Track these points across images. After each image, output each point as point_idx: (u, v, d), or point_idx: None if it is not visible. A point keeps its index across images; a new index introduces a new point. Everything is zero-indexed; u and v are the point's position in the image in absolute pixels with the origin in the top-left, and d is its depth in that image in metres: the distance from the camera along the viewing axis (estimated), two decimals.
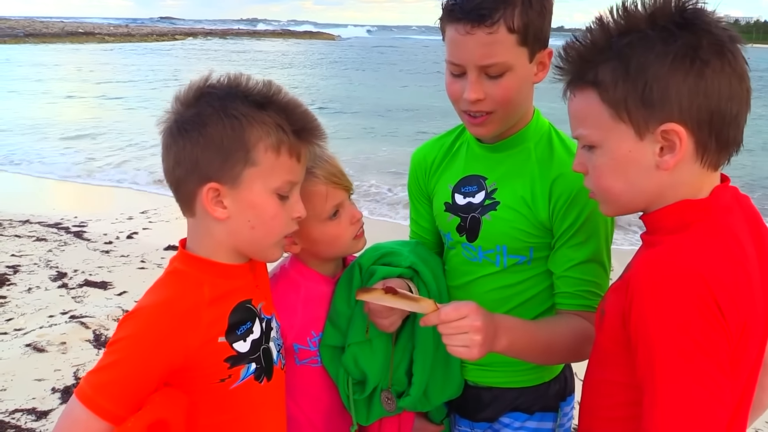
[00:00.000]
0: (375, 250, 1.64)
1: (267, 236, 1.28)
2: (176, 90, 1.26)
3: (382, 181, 9.07)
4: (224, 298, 1.26)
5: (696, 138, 1.06)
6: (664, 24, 1.05)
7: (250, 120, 1.20)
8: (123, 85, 22.37)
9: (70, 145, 11.54)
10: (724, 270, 1.00)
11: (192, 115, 1.21)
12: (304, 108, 1.29)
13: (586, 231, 1.48)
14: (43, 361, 3.95)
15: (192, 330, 1.19)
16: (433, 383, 1.63)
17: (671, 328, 0.97)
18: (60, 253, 5.82)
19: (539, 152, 1.54)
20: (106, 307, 4.67)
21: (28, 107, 15.93)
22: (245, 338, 1.28)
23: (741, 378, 1.07)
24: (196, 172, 1.22)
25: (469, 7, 1.36)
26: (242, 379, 1.27)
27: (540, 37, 1.43)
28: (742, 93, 1.07)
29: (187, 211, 1.28)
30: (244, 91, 1.23)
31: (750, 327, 1.03)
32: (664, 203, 1.12)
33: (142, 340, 1.16)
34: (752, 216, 1.15)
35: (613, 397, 1.16)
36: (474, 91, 1.42)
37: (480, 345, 1.28)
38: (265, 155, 1.22)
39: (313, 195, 1.50)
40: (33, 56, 33.48)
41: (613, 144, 1.11)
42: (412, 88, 23.99)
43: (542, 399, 1.66)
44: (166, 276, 1.27)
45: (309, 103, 1.46)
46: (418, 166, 1.74)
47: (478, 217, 1.56)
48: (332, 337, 1.57)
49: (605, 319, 1.16)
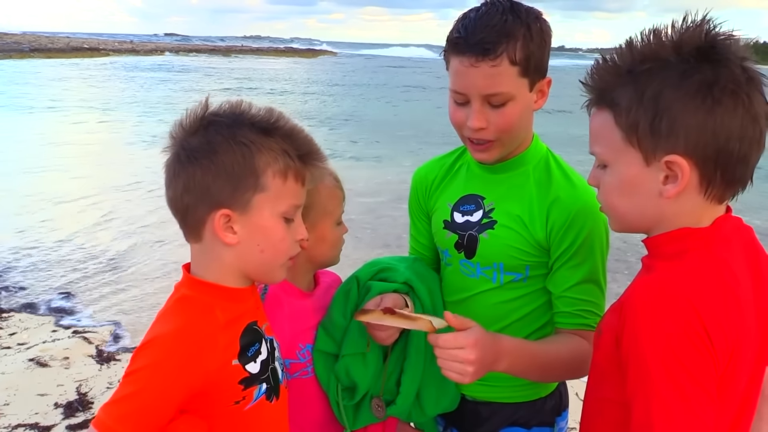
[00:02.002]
0: (373, 265, 1.70)
1: (275, 259, 1.31)
2: (178, 117, 1.27)
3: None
4: (235, 321, 1.29)
5: (700, 172, 1.08)
6: (687, 54, 1.06)
7: (259, 147, 1.23)
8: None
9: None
10: (715, 298, 1.03)
11: (201, 142, 1.23)
12: (305, 133, 1.33)
13: (583, 253, 1.53)
14: (45, 375, 3.98)
15: (210, 355, 1.21)
16: (427, 395, 1.68)
17: (660, 351, 1.00)
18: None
19: (537, 175, 1.60)
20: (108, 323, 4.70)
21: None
22: (255, 359, 1.31)
23: (730, 405, 1.09)
24: (207, 199, 1.23)
25: (473, 41, 1.43)
26: (255, 399, 1.30)
27: (540, 67, 1.50)
28: (754, 134, 1.07)
29: (193, 237, 1.29)
30: (249, 118, 1.26)
31: (739, 355, 1.06)
32: (666, 229, 1.15)
33: (162, 368, 1.16)
34: (752, 247, 1.18)
35: (609, 415, 1.19)
36: (477, 120, 1.48)
37: (471, 375, 1.33)
38: (273, 181, 1.25)
39: (334, 197, 1.62)
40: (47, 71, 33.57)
41: (623, 166, 1.15)
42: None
43: (539, 414, 1.71)
44: (177, 303, 1.28)
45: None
46: (419, 184, 1.80)
47: (476, 235, 1.62)
48: (325, 344, 1.62)
49: (602, 338, 1.20)
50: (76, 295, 5.31)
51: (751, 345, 1.10)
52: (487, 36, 1.42)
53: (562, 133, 11.80)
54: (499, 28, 1.43)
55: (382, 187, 9.80)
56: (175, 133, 1.26)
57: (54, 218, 7.56)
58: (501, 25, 1.43)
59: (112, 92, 24.40)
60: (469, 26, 1.45)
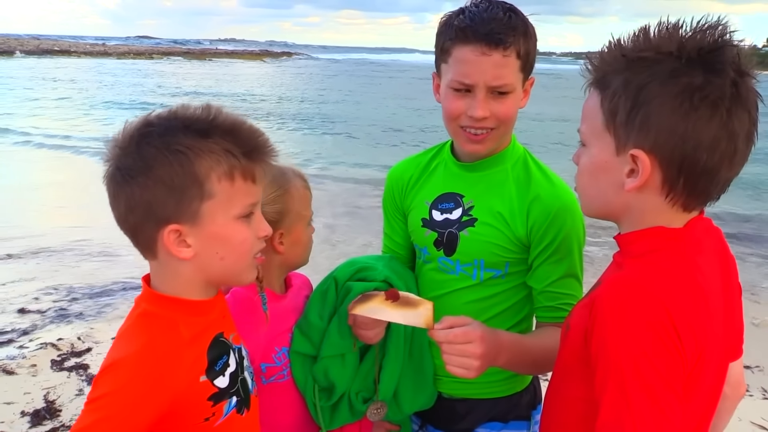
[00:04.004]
0: (350, 265, 1.69)
1: (239, 262, 1.24)
2: (113, 133, 1.20)
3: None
4: (200, 335, 1.23)
5: (663, 174, 1.07)
6: (687, 53, 1.04)
7: (197, 152, 1.14)
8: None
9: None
10: (685, 299, 1.03)
11: (135, 159, 1.14)
12: (248, 125, 1.23)
13: (563, 249, 1.57)
14: (12, 383, 3.87)
15: (176, 374, 1.15)
16: (404, 392, 1.68)
17: (629, 350, 0.99)
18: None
19: (516, 173, 1.63)
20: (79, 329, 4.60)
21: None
22: (224, 372, 1.25)
23: (696, 405, 1.09)
24: (152, 216, 1.15)
25: (484, 30, 1.46)
26: (225, 414, 1.25)
27: (531, 66, 1.56)
28: (726, 150, 1.04)
29: (148, 255, 1.22)
30: (183, 121, 1.16)
31: (707, 355, 1.06)
32: (633, 225, 1.15)
33: (126, 393, 1.09)
34: (721, 248, 1.19)
35: (571, 411, 1.19)
36: (482, 109, 1.51)
37: (477, 369, 1.36)
38: (219, 185, 1.16)
39: (304, 199, 1.61)
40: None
41: (596, 150, 1.15)
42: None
43: (515, 408, 1.73)
44: (138, 320, 1.21)
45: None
46: (394, 183, 1.80)
47: (456, 233, 1.63)
48: (302, 345, 1.60)
49: (569, 335, 1.19)
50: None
51: (718, 344, 1.10)
52: (496, 27, 1.46)
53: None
54: (506, 22, 1.47)
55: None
56: (110, 150, 1.17)
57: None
58: (507, 19, 1.48)
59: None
60: (475, 18, 1.48)
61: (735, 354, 1.27)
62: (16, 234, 6.77)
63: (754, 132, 1.08)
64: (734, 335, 1.22)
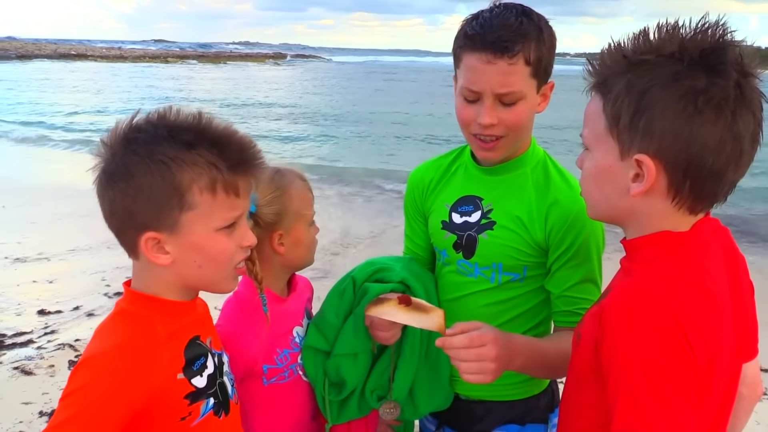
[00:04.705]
0: (369, 265, 1.70)
1: (217, 271, 1.25)
2: (104, 133, 1.21)
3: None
4: (177, 335, 1.24)
5: (669, 178, 1.07)
6: (689, 55, 1.03)
7: (179, 163, 1.14)
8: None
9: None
10: (694, 304, 1.02)
11: (118, 164, 1.16)
12: (238, 137, 1.22)
13: (582, 254, 1.57)
14: (30, 384, 3.92)
15: (152, 370, 1.15)
16: (420, 393, 1.69)
17: (640, 358, 0.99)
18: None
19: (535, 177, 1.63)
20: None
21: None
22: (202, 373, 1.25)
23: (709, 409, 1.08)
24: (132, 222, 1.17)
25: (492, 38, 1.46)
26: (202, 415, 1.25)
27: (547, 70, 1.54)
28: (732, 152, 1.04)
29: (131, 255, 1.25)
30: (171, 129, 1.16)
31: (718, 360, 1.05)
32: (640, 230, 1.14)
33: (101, 388, 1.09)
34: (729, 249, 1.18)
35: (586, 418, 1.18)
36: (489, 116, 1.51)
37: (493, 373, 1.35)
38: (201, 197, 1.16)
39: (305, 200, 1.61)
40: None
41: (600, 154, 1.15)
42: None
43: (533, 411, 1.73)
44: (114, 317, 1.22)
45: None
46: (415, 186, 1.82)
47: (475, 236, 1.64)
48: (315, 340, 1.63)
49: (580, 343, 1.19)
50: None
51: (729, 346, 1.10)
52: (504, 34, 1.45)
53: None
54: (515, 28, 1.46)
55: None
56: (99, 151, 1.19)
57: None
58: (517, 25, 1.47)
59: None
60: (485, 24, 1.48)
61: (749, 354, 1.26)
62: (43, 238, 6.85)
63: (759, 132, 1.07)
64: (747, 335, 1.21)
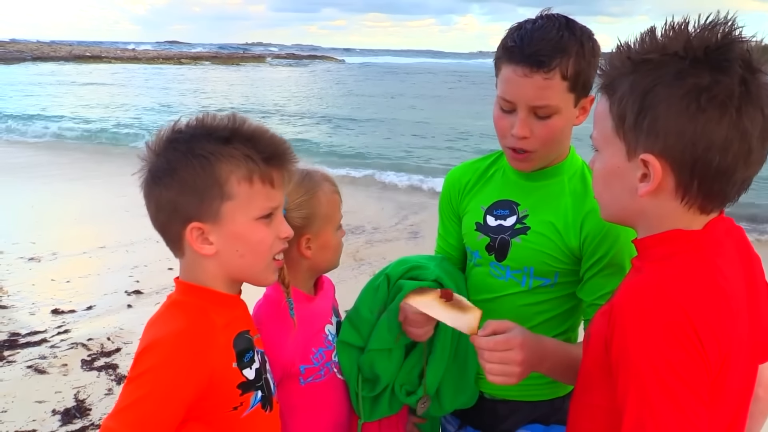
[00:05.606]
0: (403, 263, 1.72)
1: (258, 260, 1.32)
2: (148, 139, 1.32)
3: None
4: (229, 325, 1.30)
5: (676, 177, 1.06)
6: (694, 52, 1.02)
7: (218, 156, 1.24)
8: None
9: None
10: (706, 302, 1.01)
11: (162, 162, 1.26)
12: (270, 134, 1.32)
13: (616, 263, 1.56)
14: (44, 382, 3.95)
15: (213, 355, 1.22)
16: (446, 390, 1.71)
17: (650, 356, 0.97)
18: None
19: (573, 186, 1.64)
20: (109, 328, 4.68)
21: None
22: (251, 366, 1.31)
23: (723, 410, 1.07)
24: (177, 215, 1.26)
25: (529, 52, 1.46)
26: (252, 406, 1.30)
27: (586, 85, 1.53)
28: (740, 150, 1.02)
29: (177, 252, 1.32)
30: (208, 129, 1.27)
31: (732, 360, 1.03)
32: (651, 230, 1.13)
33: (168, 369, 1.15)
34: (744, 249, 1.16)
35: (597, 420, 1.17)
36: (522, 129, 1.52)
37: (518, 376, 1.35)
38: (239, 187, 1.25)
39: (333, 203, 1.63)
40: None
41: (608, 155, 1.14)
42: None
43: (558, 412, 1.72)
44: (169, 308, 1.29)
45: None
46: (452, 186, 1.83)
47: (508, 239, 1.65)
48: (350, 336, 1.65)
49: (590, 343, 1.18)
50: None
51: (744, 347, 1.08)
52: (542, 48, 1.45)
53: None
54: (555, 42, 1.45)
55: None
56: (144, 155, 1.29)
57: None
58: (557, 39, 1.46)
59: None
60: (525, 37, 1.48)
61: (766, 355, 1.23)
62: (58, 237, 6.91)
63: None
64: (763, 336, 1.19)
